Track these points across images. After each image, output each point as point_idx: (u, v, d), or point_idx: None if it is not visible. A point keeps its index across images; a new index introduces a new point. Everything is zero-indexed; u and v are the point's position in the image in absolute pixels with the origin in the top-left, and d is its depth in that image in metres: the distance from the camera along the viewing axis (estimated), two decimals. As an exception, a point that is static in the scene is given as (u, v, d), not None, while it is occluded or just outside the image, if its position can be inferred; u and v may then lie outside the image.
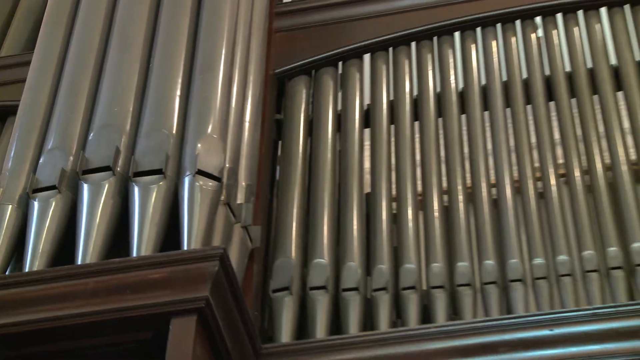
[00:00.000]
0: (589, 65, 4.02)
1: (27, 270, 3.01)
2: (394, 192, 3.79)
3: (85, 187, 3.17)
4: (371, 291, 3.45)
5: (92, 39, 3.67)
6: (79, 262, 3.00)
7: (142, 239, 3.04)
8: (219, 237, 3.14)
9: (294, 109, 4.09)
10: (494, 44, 4.19)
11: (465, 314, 3.36)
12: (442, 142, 3.93)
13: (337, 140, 4.00)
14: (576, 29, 4.15)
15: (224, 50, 3.60)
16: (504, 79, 4.08)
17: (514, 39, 4.19)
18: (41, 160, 3.32)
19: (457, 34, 4.27)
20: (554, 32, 4.18)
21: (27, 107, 3.57)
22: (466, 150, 3.88)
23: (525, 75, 4.08)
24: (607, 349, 3.08)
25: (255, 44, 3.97)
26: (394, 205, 3.75)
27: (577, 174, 3.67)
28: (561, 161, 3.78)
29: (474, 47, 4.22)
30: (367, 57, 4.28)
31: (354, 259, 3.53)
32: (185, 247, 3.01)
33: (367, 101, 4.13)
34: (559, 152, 3.81)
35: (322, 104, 4.09)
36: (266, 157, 3.87)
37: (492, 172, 3.80)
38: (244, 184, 3.45)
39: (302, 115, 4.07)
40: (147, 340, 2.85)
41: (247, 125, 3.65)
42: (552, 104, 3.98)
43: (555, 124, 3.91)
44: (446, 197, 3.75)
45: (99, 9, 3.76)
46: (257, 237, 3.46)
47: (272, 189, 3.88)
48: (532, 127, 3.90)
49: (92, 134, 3.35)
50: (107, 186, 3.17)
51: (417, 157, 3.90)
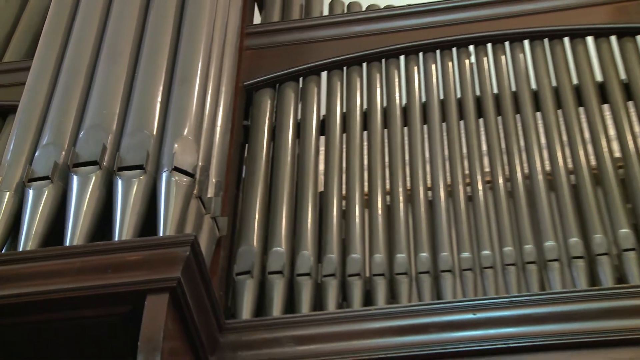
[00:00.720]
0: (513, 88, 4.04)
1: (21, 249, 2.99)
2: (344, 192, 3.79)
3: (74, 178, 3.14)
4: (321, 277, 3.45)
5: (85, 50, 3.64)
6: (67, 244, 2.98)
7: (123, 225, 3.03)
8: (190, 225, 3.14)
9: (260, 117, 4.08)
10: (433, 67, 4.20)
11: (401, 298, 3.35)
12: (386, 150, 3.94)
13: (296, 145, 3.99)
14: (503, 57, 4.17)
15: (200, 64, 3.59)
16: (441, 97, 4.09)
17: (450, 64, 4.20)
18: (37, 153, 3.30)
19: (402, 57, 4.27)
20: (484, 59, 4.19)
21: (26, 107, 3.53)
22: (407, 157, 3.88)
23: (459, 95, 4.09)
24: (522, 332, 3.09)
25: (227, 59, 3.96)
26: (344, 203, 3.75)
27: (500, 181, 3.69)
28: (487, 170, 3.79)
29: (416, 69, 4.22)
30: (324, 74, 4.27)
31: (307, 248, 3.53)
32: (161, 234, 3.00)
33: (323, 112, 4.12)
34: (486, 162, 3.82)
35: (284, 114, 4.08)
36: (234, 158, 3.86)
37: (428, 177, 3.81)
38: (214, 180, 3.45)
39: (267, 122, 4.06)
40: (126, 313, 2.83)
41: (218, 129, 3.65)
42: (481, 121, 4.00)
43: (483, 137, 3.93)
44: (388, 198, 3.75)
45: (92, 24, 3.73)
46: (224, 227, 3.45)
47: (238, 185, 3.87)
48: (463, 140, 3.90)
49: (82, 133, 3.33)
50: (94, 178, 3.15)
51: (365, 162, 3.90)
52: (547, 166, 3.72)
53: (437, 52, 4.26)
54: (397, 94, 4.12)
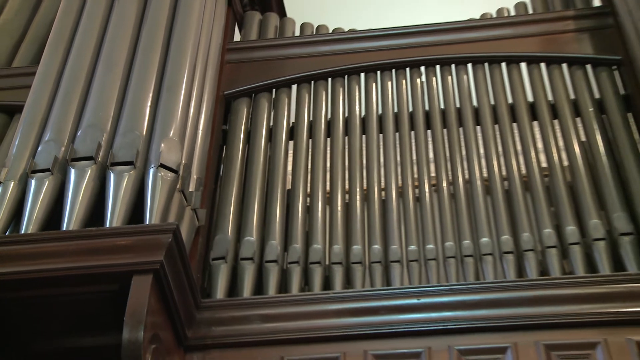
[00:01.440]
0: (457, 105, 4.05)
1: (23, 232, 2.98)
2: (308, 190, 3.78)
3: (72, 171, 3.14)
4: (287, 263, 3.46)
5: (84, 60, 3.63)
6: (64, 229, 2.97)
7: (114, 214, 3.03)
8: (173, 216, 3.14)
9: (237, 123, 4.05)
10: (389, 84, 4.20)
11: (356, 284, 3.37)
12: (346, 154, 3.93)
13: (268, 148, 3.98)
14: (449, 77, 4.17)
15: (185, 74, 3.58)
16: (395, 110, 4.09)
17: (404, 81, 4.20)
18: (39, 148, 3.29)
19: (362, 75, 4.27)
20: (433, 78, 4.19)
21: (31, 107, 3.51)
22: (364, 162, 3.89)
23: (411, 109, 4.09)
24: (459, 316, 3.11)
25: (210, 71, 3.96)
26: (308, 200, 3.75)
27: (444, 185, 3.70)
28: (433, 175, 3.80)
29: (374, 85, 4.22)
30: (294, 87, 4.26)
31: (275, 238, 3.52)
32: (147, 222, 3.01)
33: (292, 120, 4.11)
34: (432, 167, 3.82)
35: (258, 120, 4.06)
36: (213, 158, 3.84)
37: (382, 179, 3.80)
38: (195, 176, 3.44)
39: (243, 128, 4.04)
40: (114, 291, 2.83)
41: (200, 132, 3.64)
42: (429, 132, 4.00)
43: (430, 147, 3.93)
44: (347, 196, 3.75)
45: (91, 37, 3.71)
46: (202, 218, 3.45)
47: (216, 181, 3.85)
48: (413, 148, 3.91)
49: (80, 131, 3.32)
50: (89, 172, 3.14)
51: (327, 164, 3.90)
52: (485, 173, 3.73)
53: (393, 71, 4.25)
54: (357, 107, 4.12)
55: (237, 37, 4.68)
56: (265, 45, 4.42)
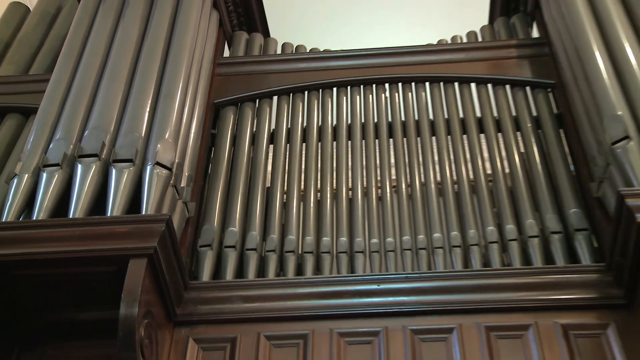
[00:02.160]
0: (416, 118, 4.05)
1: (34, 219, 2.98)
2: (285, 188, 3.77)
3: (79, 166, 3.13)
4: (265, 251, 3.45)
5: (92, 69, 3.62)
6: (70, 217, 2.97)
7: (114, 204, 3.03)
8: (166, 207, 3.14)
9: (224, 128, 4.03)
10: (358, 98, 4.20)
11: (324, 271, 3.37)
12: (319, 158, 3.93)
13: (251, 150, 3.96)
14: (410, 94, 4.17)
15: (180, 84, 3.58)
16: (362, 121, 4.09)
17: (370, 96, 4.20)
18: (51, 145, 3.27)
19: (334, 89, 4.26)
20: (396, 94, 4.19)
21: (44, 109, 3.50)
22: (334, 165, 3.88)
23: (375, 120, 4.09)
24: (413, 300, 3.11)
25: (202, 82, 3.94)
26: (284, 196, 3.73)
27: (403, 186, 3.70)
28: (394, 177, 3.81)
29: (344, 98, 4.22)
30: (275, 98, 4.24)
31: (255, 229, 3.51)
32: (143, 212, 3.01)
33: (272, 127, 4.10)
34: (393, 171, 3.83)
35: (242, 126, 4.05)
36: (203, 157, 3.82)
37: (350, 180, 3.80)
38: (186, 173, 3.43)
39: (229, 132, 4.02)
40: (113, 272, 2.83)
41: (192, 135, 3.63)
42: (391, 140, 4.01)
43: (392, 153, 3.94)
44: (319, 194, 3.75)
45: (98, 50, 3.71)
46: (192, 210, 3.44)
47: (205, 178, 3.83)
48: (377, 154, 3.92)
49: (87, 132, 3.31)
50: (94, 167, 3.14)
51: (302, 166, 3.89)
52: (438, 177, 3.73)
53: (361, 86, 4.24)
54: (329, 117, 4.11)
55: (226, 53, 4.67)
56: (250, 61, 4.41)
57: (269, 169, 3.89)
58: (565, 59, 3.81)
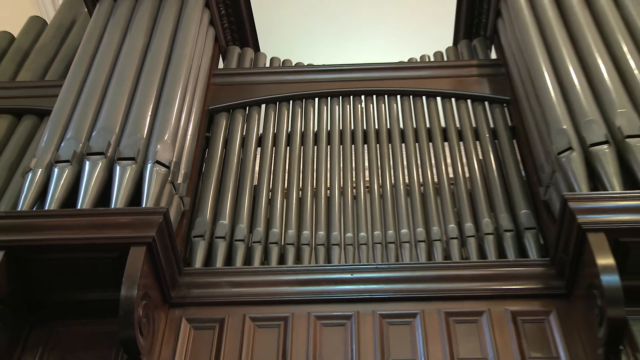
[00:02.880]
0: (388, 126, 4.06)
1: (46, 209, 2.97)
2: (271, 186, 3.76)
3: (87, 163, 3.13)
4: (251, 242, 3.43)
5: (101, 77, 3.61)
6: (79, 207, 2.97)
7: (118, 198, 3.03)
8: (164, 201, 3.14)
9: (217, 131, 4.02)
10: (337, 107, 4.20)
11: (304, 261, 3.36)
12: (301, 160, 3.91)
13: (241, 152, 3.95)
14: (382, 105, 4.16)
15: (179, 92, 3.58)
16: (340, 128, 4.09)
17: (348, 106, 4.19)
18: (62, 144, 3.27)
19: (316, 99, 4.26)
20: (371, 105, 4.19)
21: (57, 111, 3.49)
22: (315, 166, 3.88)
23: (352, 127, 4.08)
24: (382, 288, 3.12)
25: (198, 90, 3.93)
26: (270, 194, 3.73)
27: (375, 187, 3.70)
28: (367, 179, 3.79)
29: (325, 108, 4.20)
30: (263, 106, 4.23)
31: (243, 222, 3.51)
32: (143, 205, 3.01)
33: (260, 132, 4.09)
34: (367, 173, 3.83)
35: (234, 130, 4.03)
36: (198, 157, 3.81)
37: (328, 181, 3.79)
38: (182, 171, 3.43)
39: (222, 135, 4.00)
40: (115, 258, 2.84)
41: (188, 137, 3.62)
42: (365, 146, 4.01)
43: (366, 157, 3.94)
44: (300, 192, 3.74)
45: (107, 60, 3.70)
46: (187, 204, 3.44)
47: (199, 176, 3.81)
48: (353, 158, 3.90)
49: (94, 132, 3.31)
50: (100, 164, 3.13)
51: (286, 167, 3.88)
52: (406, 179, 3.72)
53: (340, 97, 4.23)
54: (311, 124, 4.11)
55: (221, 65, 4.65)
56: (242, 72, 4.39)
57: (257, 169, 3.88)
58: (518, 78, 3.85)
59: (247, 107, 4.21)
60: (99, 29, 3.95)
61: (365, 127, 4.09)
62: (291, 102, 4.25)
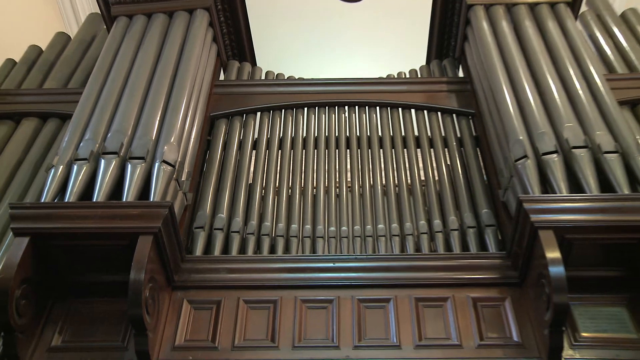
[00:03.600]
0: (368, 134, 4.04)
1: (66, 201, 2.98)
2: (264, 185, 3.75)
3: (102, 161, 3.13)
4: (246, 234, 3.41)
5: (116, 86, 3.61)
6: (94, 200, 2.97)
7: (129, 192, 3.03)
8: (169, 196, 3.15)
9: (217, 135, 4.02)
10: (323, 116, 4.19)
11: (292, 251, 3.34)
12: (291, 162, 3.90)
13: (238, 154, 3.94)
14: (364, 115, 4.16)
15: (184, 100, 3.58)
16: (326, 135, 4.08)
17: (333, 115, 4.18)
18: (81, 144, 3.27)
19: (305, 109, 4.25)
20: (353, 115, 4.19)
21: (77, 116, 3.49)
22: (303, 167, 3.87)
23: (336, 134, 4.08)
24: (359, 276, 3.10)
25: (202, 99, 3.94)
26: (263, 191, 3.72)
27: (356, 187, 3.69)
28: (349, 180, 3.79)
29: (313, 116, 4.20)
30: (258, 114, 4.22)
31: (238, 216, 3.50)
32: (151, 199, 3.01)
33: (255, 136, 4.09)
34: (349, 175, 3.83)
35: (232, 135, 4.03)
36: (200, 158, 3.81)
37: (314, 180, 3.79)
38: (186, 170, 3.43)
39: (221, 139, 4.00)
40: (126, 245, 2.85)
41: (192, 140, 3.62)
42: (347, 151, 4.01)
43: (348, 161, 3.94)
44: (290, 191, 3.73)
45: (121, 72, 3.70)
46: (189, 199, 3.44)
47: (201, 174, 3.80)
48: (336, 161, 3.90)
49: (110, 134, 3.31)
50: (114, 162, 3.14)
51: (278, 168, 3.87)
52: (384, 181, 3.71)
53: (326, 107, 4.22)
54: (301, 130, 4.11)
55: (222, 77, 4.62)
56: (240, 84, 4.38)
57: (251, 169, 3.86)
58: (482, 95, 3.86)
59: (244, 115, 4.19)
60: (115, 44, 3.96)
61: (347, 134, 4.08)
62: (283, 111, 4.23)
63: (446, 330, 2.90)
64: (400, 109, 4.20)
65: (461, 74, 4.46)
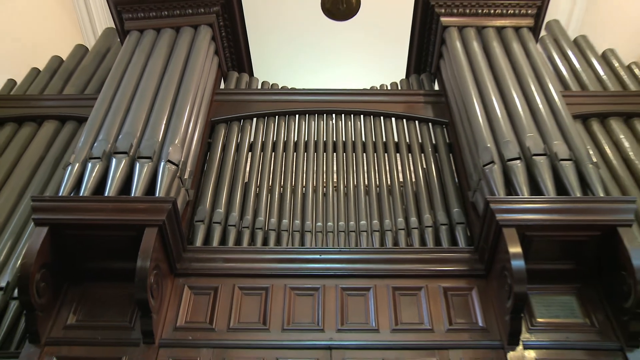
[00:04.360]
0: (353, 139, 4.05)
1: (81, 195, 2.98)
2: (258, 183, 3.75)
3: (114, 160, 3.14)
4: (241, 227, 3.41)
5: (127, 93, 3.61)
6: (106, 195, 2.97)
7: (137, 188, 3.03)
8: (173, 192, 3.15)
9: (217, 138, 4.01)
10: (313, 122, 4.18)
11: (283, 243, 3.33)
12: (283, 163, 3.88)
13: (235, 155, 3.93)
14: (349, 122, 4.16)
15: (188, 106, 3.57)
16: (315, 139, 4.08)
17: (322, 122, 4.18)
18: (95, 144, 3.27)
19: (297, 115, 4.24)
20: (340, 122, 4.17)
21: (92, 119, 3.49)
22: (294, 169, 3.85)
23: (324, 139, 4.07)
24: (343, 267, 3.10)
25: (204, 105, 3.93)
26: (257, 189, 3.72)
27: (341, 187, 3.69)
28: (335, 180, 3.78)
29: (304, 122, 4.20)
30: (254, 120, 4.20)
31: (235, 211, 3.49)
32: (157, 195, 3.01)
33: (251, 140, 4.07)
34: (335, 176, 3.83)
35: (230, 138, 4.02)
36: (201, 158, 3.80)
37: (304, 180, 3.77)
38: (189, 169, 3.44)
39: (220, 141, 3.99)
40: (134, 236, 2.86)
41: (194, 142, 3.62)
42: (334, 154, 3.99)
43: (334, 163, 3.94)
44: (282, 189, 3.71)
45: (131, 80, 3.70)
46: (191, 195, 3.44)
47: (201, 173, 3.79)
48: (324, 163, 3.90)
49: (121, 135, 3.31)
50: (124, 161, 3.14)
51: (271, 169, 3.86)
52: (366, 182, 3.70)
53: (316, 115, 4.21)
54: (292, 135, 4.09)
55: (222, 86, 4.61)
56: (238, 92, 4.37)
57: (247, 169, 3.86)
58: (455, 106, 3.88)
59: (242, 120, 4.18)
60: (127, 55, 3.96)
61: (334, 139, 4.08)
62: (277, 117, 4.22)
63: (419, 316, 2.91)
64: (382, 118, 4.20)
65: (437, 88, 4.46)
